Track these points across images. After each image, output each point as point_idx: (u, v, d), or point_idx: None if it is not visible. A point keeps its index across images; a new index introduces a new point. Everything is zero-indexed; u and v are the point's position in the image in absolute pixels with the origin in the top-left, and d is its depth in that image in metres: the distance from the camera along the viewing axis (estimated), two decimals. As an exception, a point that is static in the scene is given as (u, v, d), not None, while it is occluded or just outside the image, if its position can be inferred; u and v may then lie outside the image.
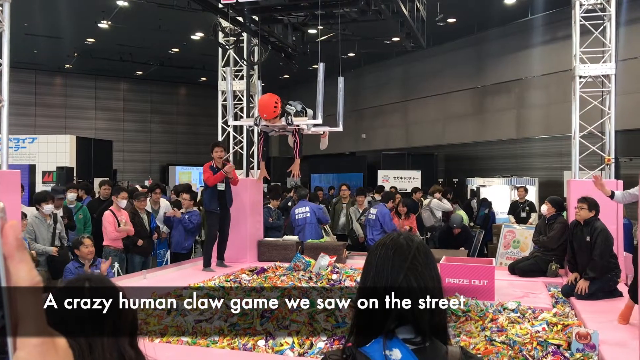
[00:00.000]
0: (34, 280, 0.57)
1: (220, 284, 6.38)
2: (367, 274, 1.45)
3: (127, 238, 7.95)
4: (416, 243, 1.47)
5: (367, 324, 1.40)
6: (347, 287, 6.23)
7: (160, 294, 5.95)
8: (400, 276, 1.40)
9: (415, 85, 20.51)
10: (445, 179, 18.71)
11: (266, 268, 7.31)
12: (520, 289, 6.61)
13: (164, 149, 26.25)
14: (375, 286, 1.41)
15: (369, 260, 1.48)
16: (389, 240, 1.48)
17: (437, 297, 1.40)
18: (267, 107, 5.95)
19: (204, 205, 7.96)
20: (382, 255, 1.44)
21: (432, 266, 1.45)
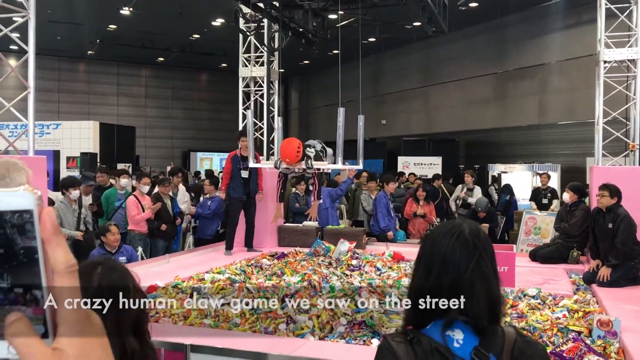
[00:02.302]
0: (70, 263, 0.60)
1: (242, 268, 6.44)
2: (431, 264, 1.45)
3: (151, 222, 8.06)
4: (482, 240, 1.48)
5: (427, 312, 1.42)
6: (367, 272, 6.26)
7: (184, 277, 6.07)
8: (466, 275, 1.42)
9: (436, 70, 20.32)
10: (466, 165, 18.58)
11: (286, 253, 7.37)
12: (541, 276, 6.58)
13: (185, 135, 26.43)
14: (441, 280, 1.42)
15: (433, 249, 1.48)
16: (455, 233, 1.47)
17: (497, 296, 1.43)
18: (290, 152, 5.98)
19: (228, 192, 8.03)
20: (449, 250, 1.45)
21: (495, 265, 1.48)
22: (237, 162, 8.03)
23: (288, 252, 7.47)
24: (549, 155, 16.63)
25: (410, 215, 9.90)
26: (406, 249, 8.00)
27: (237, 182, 7.96)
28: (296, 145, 6.00)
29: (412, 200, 9.96)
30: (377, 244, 8.79)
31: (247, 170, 7.91)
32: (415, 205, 9.89)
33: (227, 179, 8.06)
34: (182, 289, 5.54)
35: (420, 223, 9.85)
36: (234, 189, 8.02)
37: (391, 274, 6.18)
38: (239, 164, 8.02)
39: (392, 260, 7.14)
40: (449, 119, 19.85)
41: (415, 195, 9.98)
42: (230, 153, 8.26)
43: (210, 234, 9.24)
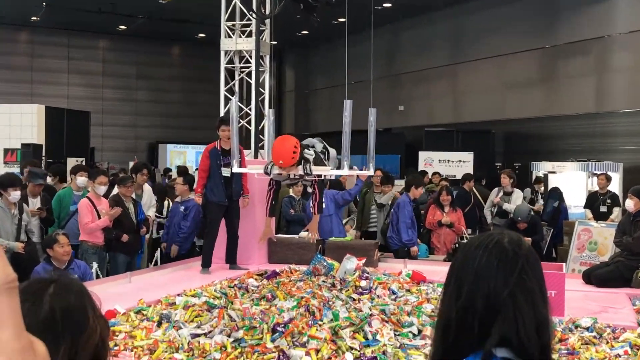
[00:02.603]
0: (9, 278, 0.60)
1: (222, 290, 6.45)
2: (462, 282, 1.49)
3: (109, 232, 8.08)
4: (525, 250, 1.51)
5: (459, 341, 1.44)
6: (379, 296, 6.28)
7: (149, 301, 6.08)
8: (505, 292, 1.44)
9: (468, 44, 20.35)
10: (503, 164, 18.59)
11: (279, 271, 7.38)
12: (597, 303, 6.58)
13: (152, 123, 26.49)
14: (473, 301, 1.44)
15: (463, 264, 1.51)
16: (491, 242, 1.50)
17: (545, 318, 1.45)
18: (284, 153, 5.98)
19: (205, 195, 8.06)
20: (484, 263, 1.47)
21: (542, 280, 1.50)
22: (217, 157, 8.04)
23: (281, 270, 7.49)
24: (609, 151, 16.65)
25: (434, 225, 9.92)
26: (429, 268, 8.01)
27: (217, 182, 7.98)
28: (292, 145, 5.99)
29: (435, 207, 9.98)
30: (392, 261, 8.81)
31: (229, 166, 7.92)
32: (439, 213, 9.92)
33: (204, 179, 8.09)
34: (147, 316, 5.56)
35: (447, 234, 9.88)
36: (212, 191, 8.03)
37: (410, 299, 6.19)
38: (219, 159, 8.03)
39: (410, 282, 7.16)
40: (482, 106, 19.88)
41: (438, 200, 10.00)
42: (207, 146, 8.26)
43: (185, 247, 9.27)
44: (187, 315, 5.47)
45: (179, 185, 9.45)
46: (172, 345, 4.80)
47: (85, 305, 1.60)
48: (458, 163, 17.89)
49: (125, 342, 4.85)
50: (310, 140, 6.83)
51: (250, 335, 4.93)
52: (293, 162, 6.01)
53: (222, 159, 8.01)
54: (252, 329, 5.00)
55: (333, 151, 6.79)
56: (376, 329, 5.11)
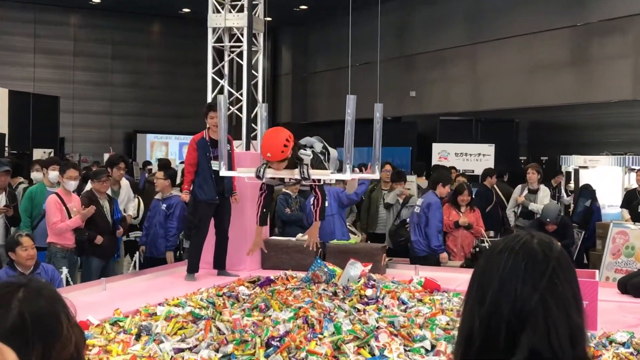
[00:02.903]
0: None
1: (209, 299, 6.45)
2: (485, 288, 1.50)
3: (81, 233, 8.08)
4: (556, 252, 1.52)
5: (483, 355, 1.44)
6: (388, 306, 6.28)
7: (127, 311, 6.08)
8: (534, 298, 1.45)
9: (489, 21, 20.33)
10: (529, 157, 18.60)
11: (273, 278, 7.39)
12: (634, 315, 6.59)
13: (130, 110, 26.49)
14: (498, 308, 1.44)
15: (487, 269, 1.52)
16: (517, 244, 1.51)
17: (580, 327, 1.45)
18: (273, 146, 5.95)
19: (194, 192, 8.06)
20: (510, 267, 1.48)
21: (575, 286, 1.51)
22: (206, 148, 8.04)
23: (275, 276, 7.49)
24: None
25: (450, 227, 9.93)
26: (444, 275, 8.01)
27: (206, 178, 7.97)
28: (283, 138, 5.98)
29: (451, 206, 9.98)
30: (402, 267, 8.81)
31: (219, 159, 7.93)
32: (454, 213, 9.92)
33: (191, 173, 8.09)
34: (124, 328, 5.56)
35: (464, 237, 9.88)
36: (201, 188, 8.04)
37: (422, 310, 6.19)
38: (209, 151, 8.03)
39: (423, 290, 7.16)
40: (504, 91, 19.86)
41: (454, 199, 10.00)
42: (194, 136, 8.25)
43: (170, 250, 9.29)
44: (169, 327, 5.47)
45: (159, 180, 9.47)
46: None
47: (58, 311, 1.61)
48: (477, 156, 17.91)
49: (99, 358, 4.85)
50: (309, 139, 6.82)
51: (241, 350, 4.93)
52: (283, 156, 5.99)
53: (212, 151, 8.00)
54: (243, 343, 5.00)
55: (334, 152, 6.78)
56: (384, 343, 5.11)
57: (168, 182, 9.43)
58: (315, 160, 6.32)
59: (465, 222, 9.84)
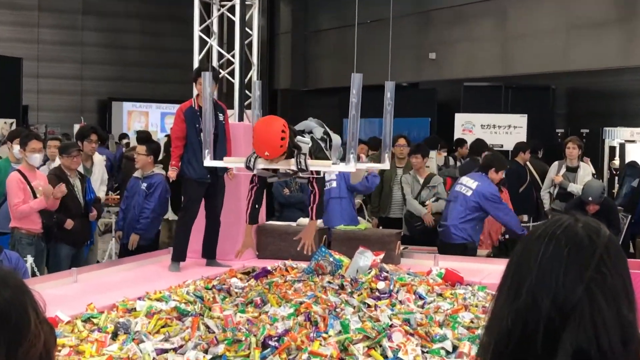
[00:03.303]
0: None
1: (197, 292, 6.49)
2: (521, 279, 1.49)
3: (48, 216, 8.10)
4: (604, 237, 1.50)
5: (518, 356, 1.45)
6: (403, 301, 6.31)
7: (101, 306, 6.11)
8: (579, 290, 1.43)
9: (521, -29, 20.20)
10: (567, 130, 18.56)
11: (270, 269, 7.41)
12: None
13: (104, 74, 26.42)
14: (536, 302, 1.44)
15: (523, 257, 1.52)
16: (559, 228, 1.50)
17: (632, 324, 1.44)
18: (269, 141, 5.89)
19: (181, 170, 8.07)
20: (550, 254, 1.47)
21: (627, 276, 1.49)
22: (195, 118, 8.03)
23: (273, 267, 7.52)
24: None
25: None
26: (467, 265, 8.03)
27: (196, 153, 7.95)
28: (278, 129, 5.94)
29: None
30: (419, 257, 8.82)
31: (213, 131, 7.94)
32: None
33: (179, 148, 8.10)
34: (99, 325, 5.59)
35: (492, 223, 9.88)
36: (190, 164, 8.06)
37: (442, 305, 6.22)
38: (198, 122, 8.02)
39: (443, 283, 7.19)
40: (539, 53, 19.77)
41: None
42: (182, 105, 8.24)
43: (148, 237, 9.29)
44: (151, 324, 5.51)
45: (141, 156, 9.40)
46: (131, 364, 4.84)
47: (26, 304, 1.60)
48: (507, 129, 17.87)
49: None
50: (307, 123, 6.80)
51: (234, 351, 4.96)
52: (282, 150, 5.96)
53: (201, 122, 8.01)
54: (237, 343, 5.04)
55: (337, 138, 6.76)
56: (398, 344, 5.14)
57: (150, 159, 9.39)
58: (315, 148, 6.30)
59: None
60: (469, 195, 9.11)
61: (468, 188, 9.18)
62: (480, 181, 9.18)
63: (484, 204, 9.04)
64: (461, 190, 9.25)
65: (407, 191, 10.32)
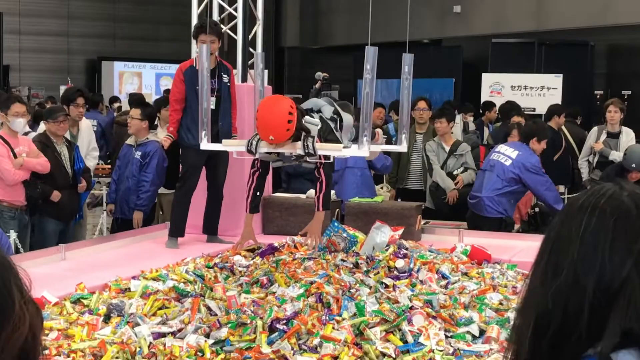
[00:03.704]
0: None
1: (196, 271, 6.51)
2: (561, 255, 1.48)
3: (32, 187, 8.11)
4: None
5: (558, 342, 1.43)
6: (424, 281, 6.31)
7: (92, 286, 6.13)
8: (628, 264, 1.41)
9: None
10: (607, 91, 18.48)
11: (277, 246, 7.42)
12: None
13: (93, 31, 26.35)
14: (578, 280, 1.43)
15: (563, 230, 1.50)
16: (603, 197, 1.48)
17: None
18: (275, 124, 5.79)
19: (180, 136, 8.07)
20: (594, 226, 1.45)
21: None
22: (195, 79, 7.99)
23: (280, 243, 7.52)
24: None
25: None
26: (495, 241, 8.02)
27: (196, 118, 7.93)
28: (285, 110, 5.87)
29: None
30: (442, 232, 8.81)
31: (215, 93, 7.90)
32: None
33: (178, 112, 8.10)
34: (90, 307, 5.62)
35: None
36: (189, 131, 8.06)
37: (468, 286, 6.23)
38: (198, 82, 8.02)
39: (469, 261, 7.19)
40: (577, 6, 19.66)
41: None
42: (181, 65, 8.23)
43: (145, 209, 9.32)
44: (147, 306, 5.53)
45: (135, 121, 9.32)
46: (125, 349, 4.85)
47: (9, 282, 1.59)
48: (540, 90, 17.80)
49: (58, 344, 4.91)
50: (316, 101, 6.76)
51: (238, 335, 4.98)
52: (289, 134, 5.89)
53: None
54: (241, 327, 5.05)
55: (348, 117, 6.71)
56: (419, 328, 5.15)
57: (145, 124, 9.34)
58: (325, 129, 6.25)
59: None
60: (508, 165, 9.04)
61: (507, 157, 9.10)
62: (521, 150, 9.13)
63: (524, 175, 8.97)
64: (499, 159, 9.16)
65: (434, 160, 10.24)
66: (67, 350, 4.83)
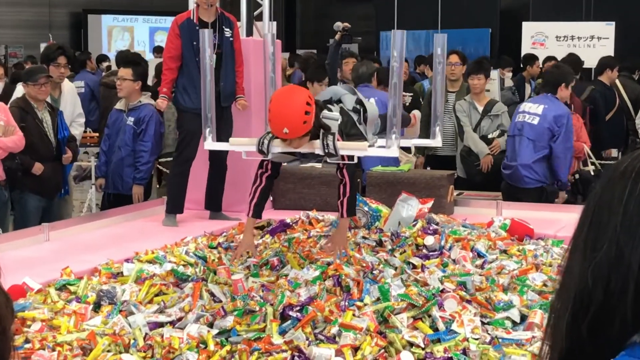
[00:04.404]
0: None
1: (198, 252, 6.52)
2: (602, 227, 1.46)
3: (10, 159, 8.13)
4: None
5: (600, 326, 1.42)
6: (457, 260, 6.31)
7: (80, 270, 6.15)
8: None
9: None
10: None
11: (290, 222, 7.44)
12: None
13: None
14: (622, 255, 1.41)
15: (604, 200, 1.48)
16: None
17: None
18: (289, 116, 5.67)
19: (176, 99, 8.06)
20: (637, 195, 1.43)
21: None
22: (193, 35, 7.99)
23: (293, 219, 7.54)
24: None
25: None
26: (538, 214, 8.00)
27: (194, 77, 7.92)
28: (302, 102, 5.76)
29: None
30: (478, 204, 8.79)
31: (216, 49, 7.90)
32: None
33: (173, 71, 8.09)
34: (77, 294, 5.64)
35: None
36: (186, 92, 8.09)
37: (507, 265, 6.22)
38: (197, 38, 8.00)
39: (509, 237, 7.18)
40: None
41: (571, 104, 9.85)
42: (177, 17, 8.23)
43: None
44: (142, 292, 5.55)
45: (126, 82, 9.24)
46: (118, 341, 4.88)
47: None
48: (589, 41, 17.69)
49: (42, 337, 4.93)
50: (335, 89, 6.69)
51: (246, 324, 5.00)
52: (306, 128, 5.78)
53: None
54: (249, 315, 5.07)
55: (373, 108, 6.60)
56: (451, 313, 5.16)
57: (138, 85, 9.29)
58: (346, 123, 6.15)
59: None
60: (537, 124, 8.99)
61: (533, 115, 9.05)
62: (548, 103, 9.08)
63: (560, 129, 8.94)
64: (525, 119, 9.10)
65: (465, 122, 10.11)
66: (52, 344, 4.86)
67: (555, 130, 8.87)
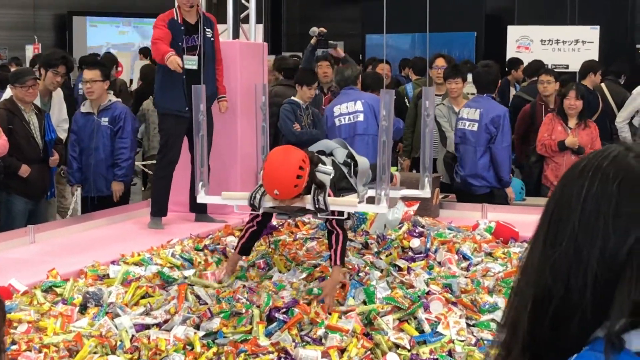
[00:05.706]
0: None
1: (184, 254, 6.53)
2: (561, 224, 1.48)
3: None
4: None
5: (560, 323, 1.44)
6: (443, 263, 6.33)
7: (66, 272, 6.15)
8: (631, 236, 1.41)
9: None
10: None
11: (277, 225, 7.45)
12: None
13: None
14: (580, 252, 1.43)
15: (563, 197, 1.51)
16: (605, 160, 1.48)
17: None
18: (282, 180, 5.68)
19: (155, 101, 8.05)
20: (596, 191, 1.45)
21: None
22: (177, 34, 8.00)
23: (279, 222, 7.55)
24: None
25: (552, 149, 9.66)
26: (524, 217, 7.99)
27: (175, 79, 7.93)
28: (294, 167, 5.74)
29: (556, 118, 9.75)
30: (463, 207, 8.81)
31: (196, 52, 7.90)
32: (560, 128, 9.67)
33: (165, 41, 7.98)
34: (63, 296, 5.64)
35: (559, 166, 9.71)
36: (166, 94, 8.11)
37: (492, 267, 6.25)
38: (181, 38, 8.01)
39: (494, 240, 7.21)
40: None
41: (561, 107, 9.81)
42: (161, 15, 8.22)
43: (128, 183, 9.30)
44: (128, 295, 5.56)
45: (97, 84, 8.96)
46: (104, 343, 4.88)
47: None
48: (574, 45, 17.72)
49: (28, 339, 4.93)
50: (327, 143, 6.68)
51: (232, 326, 5.01)
52: (297, 192, 5.81)
53: (185, 40, 8.00)
54: (235, 317, 5.09)
55: (363, 161, 6.60)
56: (437, 315, 5.18)
57: (107, 86, 9.12)
58: (338, 176, 6.16)
59: (575, 144, 9.56)
60: (476, 131, 9.07)
61: (472, 122, 9.12)
62: (484, 105, 9.18)
63: (497, 130, 9.01)
64: (466, 127, 9.18)
65: (446, 127, 10.03)
66: (38, 345, 4.86)
67: (493, 132, 8.96)
